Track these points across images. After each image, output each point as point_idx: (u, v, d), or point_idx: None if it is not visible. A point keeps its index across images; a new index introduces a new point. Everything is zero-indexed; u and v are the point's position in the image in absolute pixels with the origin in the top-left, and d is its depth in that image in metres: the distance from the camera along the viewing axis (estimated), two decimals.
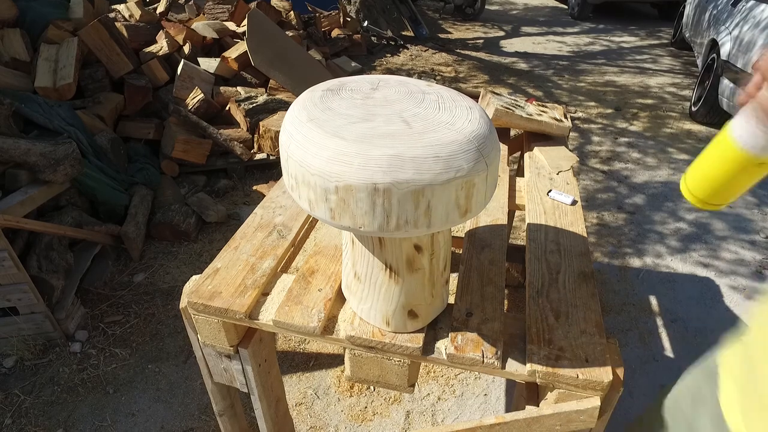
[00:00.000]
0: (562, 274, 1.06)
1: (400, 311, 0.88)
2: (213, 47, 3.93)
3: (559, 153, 1.58)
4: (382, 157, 0.65)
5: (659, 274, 2.49)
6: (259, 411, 1.20)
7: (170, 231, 2.57)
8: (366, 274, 0.87)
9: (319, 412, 1.76)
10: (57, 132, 2.34)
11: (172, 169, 2.97)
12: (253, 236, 1.16)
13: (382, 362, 0.94)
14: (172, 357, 1.98)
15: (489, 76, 5.44)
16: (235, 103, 3.30)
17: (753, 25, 3.61)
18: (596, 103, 4.73)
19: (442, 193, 0.66)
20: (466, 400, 1.81)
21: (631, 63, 6.04)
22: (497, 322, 0.93)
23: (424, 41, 6.42)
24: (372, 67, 5.55)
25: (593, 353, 0.86)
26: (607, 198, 3.15)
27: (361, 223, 0.69)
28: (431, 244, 0.83)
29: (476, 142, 0.70)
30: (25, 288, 1.85)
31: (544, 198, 1.34)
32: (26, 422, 1.74)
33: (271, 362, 1.20)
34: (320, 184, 0.67)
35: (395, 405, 1.78)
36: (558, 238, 1.17)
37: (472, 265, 1.08)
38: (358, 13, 6.14)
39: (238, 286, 1.01)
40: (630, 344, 2.06)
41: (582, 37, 7.24)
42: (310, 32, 5.11)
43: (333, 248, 1.13)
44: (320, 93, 0.80)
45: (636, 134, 4.06)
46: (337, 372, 1.91)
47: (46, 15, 2.96)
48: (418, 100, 0.79)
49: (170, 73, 3.39)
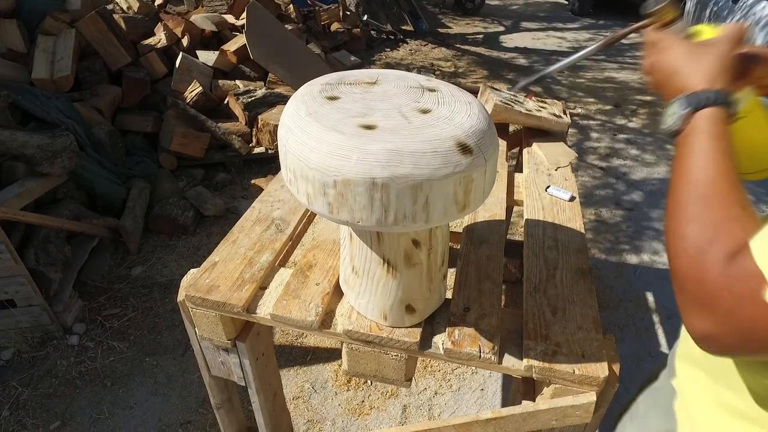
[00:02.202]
0: (560, 269, 1.06)
1: (397, 306, 0.88)
2: (212, 40, 3.91)
3: (558, 149, 1.57)
4: (380, 151, 0.65)
5: (656, 271, 2.49)
6: (257, 404, 1.20)
7: (168, 224, 2.57)
8: (364, 268, 0.87)
9: (316, 405, 1.77)
10: (54, 124, 2.33)
11: (170, 162, 2.96)
12: (251, 230, 1.16)
13: (380, 356, 0.94)
14: (170, 350, 1.98)
15: (488, 71, 5.43)
16: (233, 97, 3.29)
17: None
18: (595, 99, 4.73)
19: (440, 188, 0.66)
20: (463, 395, 1.81)
21: (631, 59, 6.02)
22: (494, 317, 0.93)
23: (424, 36, 6.39)
24: (371, 61, 5.53)
25: (590, 349, 0.87)
26: (605, 194, 3.15)
27: (359, 218, 0.69)
28: (429, 239, 0.83)
29: (475, 138, 0.70)
30: (23, 281, 1.85)
31: (542, 194, 1.34)
32: (24, 414, 1.74)
33: (269, 356, 1.20)
34: (319, 179, 0.67)
35: (392, 399, 1.79)
36: (556, 234, 1.18)
37: (469, 260, 1.08)
38: (357, 7, 6.11)
39: (236, 280, 1.01)
40: (626, 340, 2.07)
41: (582, 33, 7.23)
42: (310, 26, 5.09)
43: (331, 242, 1.13)
44: (319, 87, 0.80)
45: (635, 131, 4.06)
46: (335, 366, 1.92)
47: (44, 6, 2.93)
48: (417, 95, 0.78)
49: (169, 65, 3.37)
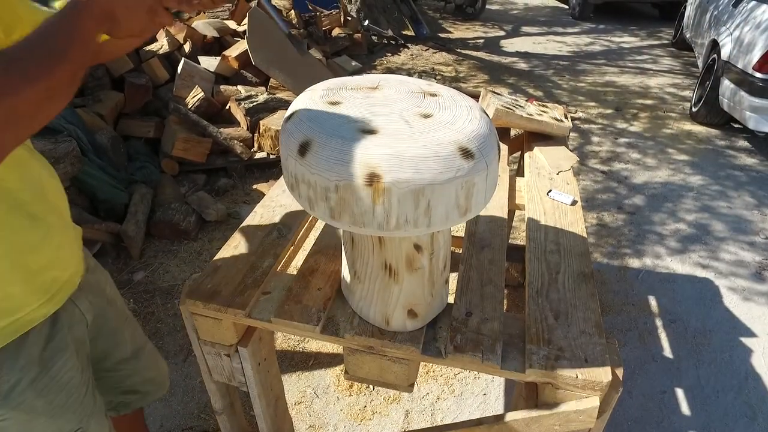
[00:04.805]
0: (562, 274, 1.06)
1: (399, 310, 0.88)
2: (213, 46, 3.93)
3: (559, 153, 1.58)
4: (382, 156, 0.65)
5: (659, 275, 2.49)
6: (259, 410, 1.20)
7: (170, 229, 2.57)
8: (366, 273, 0.87)
9: (318, 411, 1.76)
10: (57, 130, 2.34)
11: (172, 167, 2.97)
12: (253, 235, 1.16)
13: (382, 362, 0.94)
14: (172, 355, 1.98)
15: (489, 75, 5.44)
16: (235, 102, 3.30)
17: (754, 26, 3.61)
18: (596, 103, 4.73)
19: (442, 193, 0.66)
20: (466, 400, 1.81)
21: (632, 63, 6.03)
22: (497, 321, 0.93)
23: (425, 40, 6.41)
24: (372, 66, 5.55)
25: (592, 353, 0.86)
26: (606, 198, 3.15)
27: (360, 223, 0.69)
28: (431, 244, 0.83)
29: (476, 142, 0.70)
30: None
31: (544, 198, 1.34)
32: None
33: (271, 361, 1.20)
34: (320, 183, 0.67)
35: (394, 404, 1.78)
36: (558, 238, 1.18)
37: (471, 264, 1.08)
38: (358, 12, 6.13)
39: (238, 285, 1.01)
40: (629, 344, 2.06)
41: (582, 37, 7.24)
42: (311, 31, 5.11)
43: (333, 247, 1.13)
44: (320, 92, 0.80)
45: (636, 135, 4.06)
46: (337, 371, 1.91)
47: None
48: (418, 100, 0.79)
49: (170, 71, 3.39)
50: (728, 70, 3.72)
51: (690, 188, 3.28)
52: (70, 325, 0.87)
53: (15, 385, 0.78)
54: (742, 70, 3.54)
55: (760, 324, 2.20)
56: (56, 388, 0.84)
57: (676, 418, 1.77)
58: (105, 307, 1.01)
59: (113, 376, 1.11)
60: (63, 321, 0.85)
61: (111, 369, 1.09)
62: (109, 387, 1.12)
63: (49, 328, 0.82)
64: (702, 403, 1.83)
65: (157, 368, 1.22)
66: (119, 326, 1.07)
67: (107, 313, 1.02)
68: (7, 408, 0.78)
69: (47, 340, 0.82)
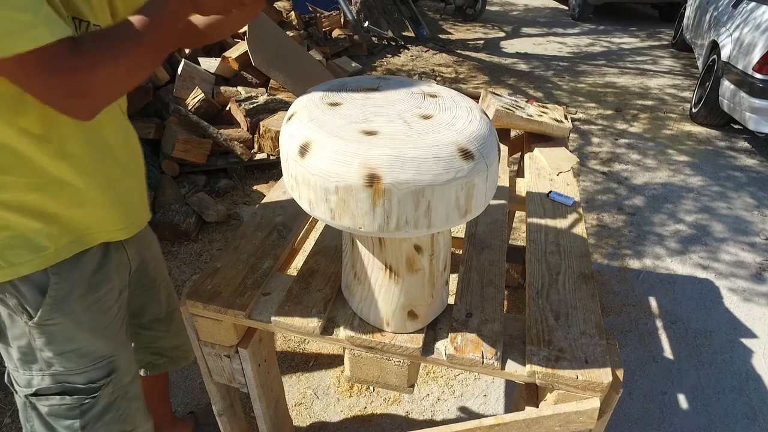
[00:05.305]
0: (562, 275, 1.06)
1: (399, 312, 0.88)
2: (213, 47, 3.93)
3: (560, 154, 1.58)
4: (382, 157, 0.65)
5: (659, 276, 2.49)
6: (259, 411, 1.20)
7: (170, 230, 2.57)
8: (366, 274, 0.87)
9: (318, 412, 1.76)
10: None
11: (172, 168, 2.97)
12: (253, 236, 1.16)
13: (382, 363, 0.94)
14: None
15: (489, 76, 5.44)
16: (235, 103, 3.30)
17: (754, 27, 3.61)
18: (596, 104, 4.73)
19: (442, 194, 0.67)
20: (466, 401, 1.81)
21: (632, 64, 6.04)
22: (497, 322, 0.93)
23: (425, 42, 6.42)
24: (372, 67, 5.55)
25: (593, 354, 0.86)
26: (606, 199, 3.15)
27: (361, 224, 0.69)
28: (431, 245, 0.83)
29: (477, 143, 0.70)
30: None
31: (544, 199, 1.34)
32: None
33: (271, 362, 1.20)
34: (320, 184, 0.67)
35: (395, 405, 1.78)
36: (558, 239, 1.18)
37: (472, 265, 1.08)
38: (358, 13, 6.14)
39: (238, 286, 1.01)
40: (629, 345, 2.06)
41: (582, 38, 7.24)
42: (311, 32, 5.11)
43: (333, 248, 1.13)
44: (321, 93, 0.80)
45: (636, 135, 4.06)
46: (337, 372, 1.91)
47: None
48: (418, 101, 0.79)
49: (171, 72, 3.39)
50: (728, 71, 3.72)
51: (690, 189, 3.28)
52: (117, 265, 0.98)
53: (68, 294, 0.89)
54: (742, 71, 3.55)
55: (761, 325, 2.20)
56: (100, 310, 0.95)
57: (677, 419, 1.77)
58: (149, 262, 1.14)
59: (147, 335, 1.24)
60: (112, 256, 0.96)
61: (145, 326, 1.23)
62: (141, 345, 1.26)
63: (101, 257, 0.94)
64: (703, 404, 1.82)
65: (185, 337, 1.32)
66: (158, 285, 1.19)
67: (149, 267, 1.15)
68: (59, 313, 0.88)
69: (98, 266, 0.93)
